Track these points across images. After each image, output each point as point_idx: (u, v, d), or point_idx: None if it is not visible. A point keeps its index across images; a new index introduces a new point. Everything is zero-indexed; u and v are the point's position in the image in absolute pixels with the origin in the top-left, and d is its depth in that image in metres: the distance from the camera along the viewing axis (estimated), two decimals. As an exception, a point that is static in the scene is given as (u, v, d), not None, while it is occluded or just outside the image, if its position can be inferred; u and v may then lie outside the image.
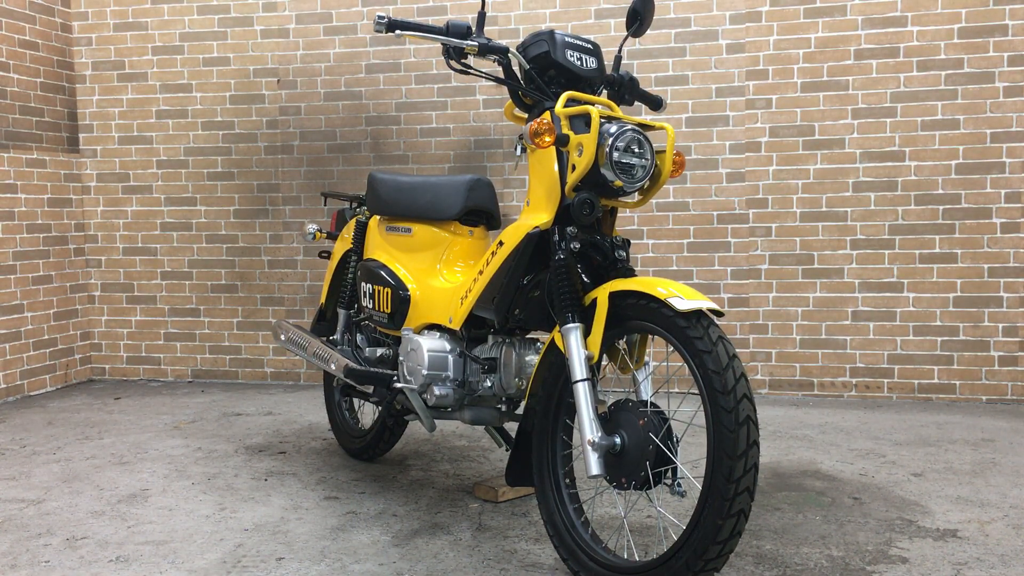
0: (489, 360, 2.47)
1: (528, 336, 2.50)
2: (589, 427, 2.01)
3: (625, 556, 2.25)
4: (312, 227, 3.25)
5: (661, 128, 2.21)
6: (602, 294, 2.09)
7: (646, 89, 3.85)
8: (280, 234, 4.72)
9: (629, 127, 2.13)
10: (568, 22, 4.35)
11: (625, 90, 2.42)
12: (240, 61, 4.70)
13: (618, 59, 2.45)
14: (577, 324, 2.10)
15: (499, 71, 4.38)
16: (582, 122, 2.19)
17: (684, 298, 1.94)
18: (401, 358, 2.63)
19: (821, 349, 4.23)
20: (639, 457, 1.97)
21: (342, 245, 3.21)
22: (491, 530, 2.51)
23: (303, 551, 2.36)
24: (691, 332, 1.91)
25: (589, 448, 1.99)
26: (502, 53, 2.29)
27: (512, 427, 3.28)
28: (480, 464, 3.18)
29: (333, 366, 2.80)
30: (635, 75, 3.95)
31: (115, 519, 2.63)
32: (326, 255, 3.43)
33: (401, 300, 2.70)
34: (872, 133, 4.12)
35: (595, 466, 1.99)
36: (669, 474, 1.99)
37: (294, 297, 4.73)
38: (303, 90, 4.65)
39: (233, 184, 4.74)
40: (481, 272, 2.39)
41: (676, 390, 4.26)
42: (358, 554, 2.34)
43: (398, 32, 2.25)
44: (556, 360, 2.22)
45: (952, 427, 3.63)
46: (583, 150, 2.12)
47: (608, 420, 2.06)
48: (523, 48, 2.32)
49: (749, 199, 4.25)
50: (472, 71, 2.32)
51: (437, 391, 2.48)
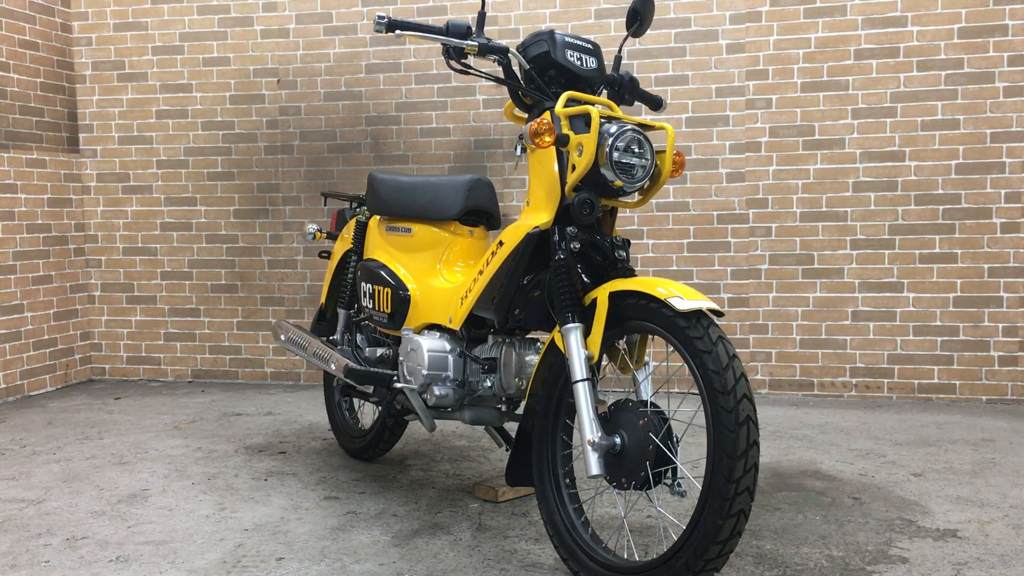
0: (489, 360, 2.47)
1: (528, 336, 2.50)
2: (589, 427, 2.01)
3: (625, 556, 2.25)
4: (312, 227, 3.25)
5: (661, 128, 2.21)
6: (602, 294, 2.09)
7: (646, 89, 3.85)
8: (280, 234, 4.72)
9: (629, 127, 2.13)
10: (568, 22, 4.35)
11: (625, 90, 2.42)
12: (240, 61, 4.70)
13: (618, 59, 2.45)
14: (577, 324, 2.10)
15: (499, 71, 4.38)
16: (582, 122, 2.19)
17: (684, 298, 1.94)
18: (401, 358, 2.63)
19: (821, 349, 4.23)
20: (639, 457, 1.97)
21: (342, 245, 3.21)
22: (491, 530, 2.51)
23: (303, 551, 2.36)
24: (691, 332, 1.91)
25: (589, 448, 1.99)
26: (502, 53, 2.29)
27: (512, 427, 3.28)
28: (480, 464, 3.18)
29: (333, 366, 2.80)
30: (635, 75, 3.95)
31: (115, 519, 2.63)
32: (326, 255, 3.43)
33: (401, 300, 2.70)
34: (872, 133, 4.12)
35: (595, 466, 1.99)
36: (669, 474, 1.99)
37: (294, 297, 4.73)
38: (303, 90, 4.65)
39: (233, 184, 4.74)
40: (481, 272, 2.39)
41: (676, 390, 4.26)
42: (358, 554, 2.34)
43: (398, 32, 2.25)
44: (556, 360, 2.22)
45: (952, 427, 3.63)
46: (583, 150, 2.12)
47: (608, 420, 2.06)
48: (523, 48, 2.32)
49: (749, 199, 4.25)
50: (472, 71, 2.32)
51: (437, 391, 2.48)
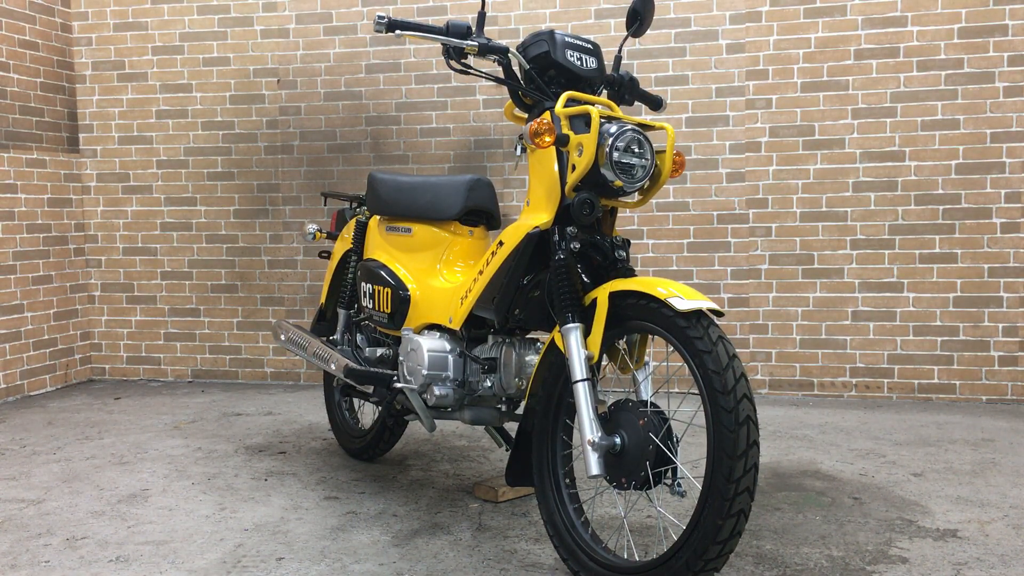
0: (489, 360, 2.47)
1: (528, 336, 2.50)
2: (589, 427, 2.01)
3: (625, 556, 2.25)
4: (312, 227, 3.25)
5: (661, 128, 2.21)
6: (602, 294, 2.09)
7: (646, 89, 3.85)
8: (280, 234, 4.72)
9: (629, 127, 2.13)
10: (568, 22, 4.35)
11: (625, 90, 2.42)
12: (240, 61, 4.70)
13: (618, 59, 2.45)
14: (577, 324, 2.10)
15: (499, 71, 4.38)
16: (582, 122, 2.19)
17: (684, 298, 1.94)
18: (401, 358, 2.63)
19: (821, 349, 4.23)
20: (639, 457, 1.97)
21: (342, 245, 3.21)
22: (491, 530, 2.51)
23: (303, 551, 2.36)
24: (691, 332, 1.91)
25: (589, 448, 1.99)
26: (502, 53, 2.29)
27: (512, 427, 3.28)
28: (480, 464, 3.18)
29: (333, 366, 2.80)
30: (635, 75, 3.95)
31: (115, 519, 2.63)
32: (326, 255, 3.43)
33: (401, 300, 2.70)
34: (872, 133, 4.12)
35: (595, 466, 1.99)
36: (669, 474, 1.99)
37: (294, 297, 4.73)
38: (303, 90, 4.65)
39: (233, 184, 4.74)
40: (481, 272, 2.39)
41: (676, 390, 4.26)
42: (358, 554, 2.34)
43: (398, 32, 2.25)
44: (556, 360, 2.22)
45: (952, 427, 3.63)
46: (583, 150, 2.12)
47: (608, 420, 2.06)
48: (523, 48, 2.32)
49: (749, 199, 4.25)
50: (472, 71, 2.32)
51: (437, 391, 2.48)
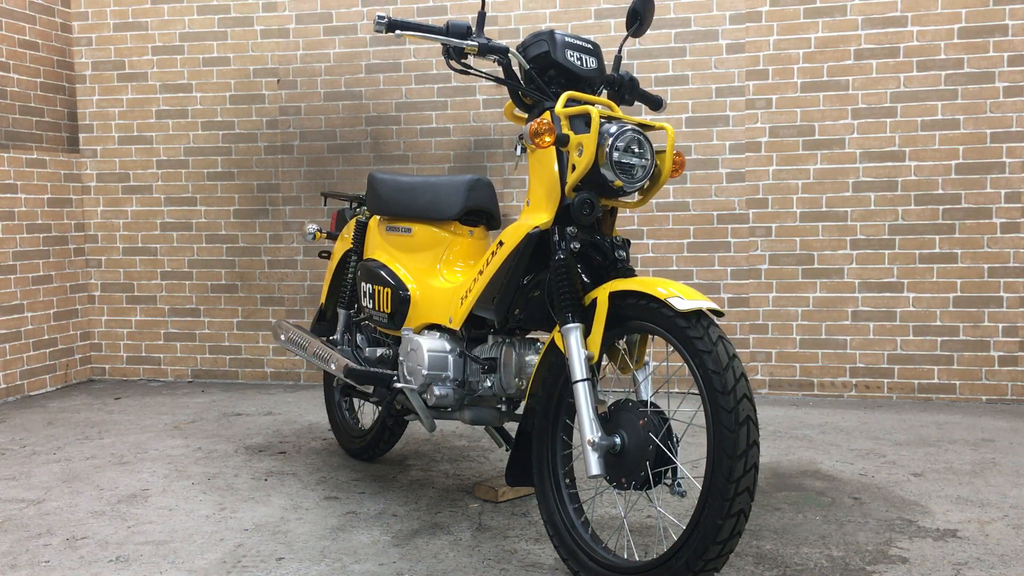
0: (489, 360, 2.47)
1: (528, 336, 2.50)
2: (589, 427, 2.01)
3: (625, 556, 2.25)
4: (312, 227, 3.25)
5: (661, 128, 2.21)
6: (602, 294, 2.09)
7: (646, 89, 3.85)
8: (280, 234, 4.72)
9: (629, 127, 2.13)
10: (568, 22, 4.35)
11: (625, 90, 2.42)
12: (240, 61, 4.70)
13: (618, 59, 2.45)
14: (577, 324, 2.10)
15: (499, 71, 4.38)
16: (582, 122, 2.19)
17: (684, 298, 1.94)
18: (401, 358, 2.63)
19: (821, 349, 4.23)
20: (639, 457, 1.97)
21: (342, 245, 3.21)
22: (491, 530, 2.51)
23: (303, 551, 2.36)
24: (691, 332, 1.91)
25: (589, 448, 1.99)
26: (502, 53, 2.29)
27: (512, 427, 3.28)
28: (480, 464, 3.18)
29: (333, 366, 2.80)
30: (635, 75, 3.95)
31: (115, 519, 2.63)
32: (326, 255, 3.43)
33: (401, 300, 2.70)
34: (872, 133, 4.12)
35: (595, 466, 1.99)
36: (669, 474, 1.99)
37: (294, 297, 4.73)
38: (303, 90, 4.65)
39: (233, 184, 4.74)
40: (481, 272, 2.39)
41: (676, 390, 4.26)
42: (358, 554, 2.34)
43: (398, 32, 2.25)
44: (556, 360, 2.22)
45: (952, 427, 3.63)
46: (583, 150, 2.12)
47: (608, 420, 2.06)
48: (523, 48, 2.32)
49: (749, 199, 4.25)
50: (472, 71, 2.32)
51: (437, 391, 2.48)
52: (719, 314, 1.96)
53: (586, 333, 2.11)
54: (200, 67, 4.74)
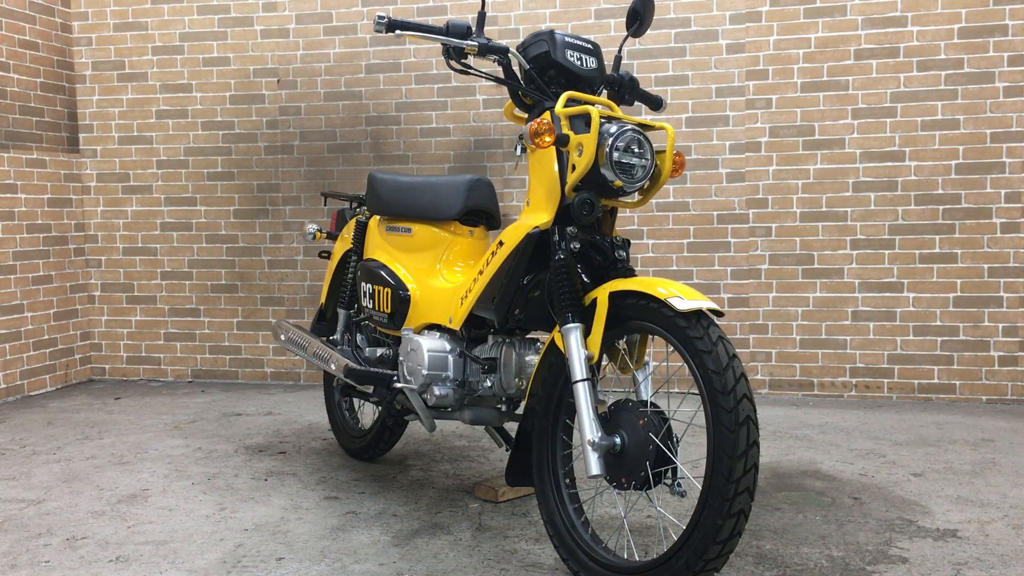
0: (489, 360, 2.47)
1: (528, 336, 2.50)
2: (589, 427, 2.01)
3: (625, 556, 2.25)
4: (312, 227, 3.25)
5: (661, 128, 2.21)
6: (602, 294, 2.09)
7: (646, 89, 3.85)
8: (280, 234, 4.72)
9: (629, 127, 2.13)
10: (568, 22, 4.35)
11: (625, 90, 2.42)
12: (240, 61, 4.70)
13: (618, 59, 2.45)
14: (577, 324, 2.10)
15: (499, 71, 4.38)
16: (582, 122, 2.19)
17: (684, 298, 1.94)
18: (401, 358, 2.63)
19: (821, 349, 4.23)
20: (639, 457, 1.97)
21: (342, 245, 3.21)
22: (491, 530, 2.51)
23: (303, 551, 2.36)
24: (691, 332, 1.91)
25: (589, 448, 1.99)
26: (502, 53, 2.29)
27: (512, 427, 3.28)
28: (480, 464, 3.18)
29: (333, 366, 2.80)
30: (635, 75, 3.95)
31: (115, 519, 2.63)
32: (326, 255, 3.43)
33: (401, 300, 2.70)
34: (872, 133, 4.12)
35: (595, 466, 1.99)
36: (669, 474, 1.99)
37: (294, 297, 4.73)
38: (303, 90, 4.65)
39: (233, 184, 4.74)
40: (481, 272, 2.39)
41: (676, 390, 4.26)
42: (358, 554, 2.34)
43: (398, 32, 2.25)
44: (556, 360, 2.22)
45: (952, 427, 3.63)
46: (583, 150, 2.12)
47: (608, 420, 2.06)
48: (523, 48, 2.32)
49: (749, 199, 4.25)
50: (472, 71, 2.32)
51: (437, 391, 2.48)
52: (719, 314, 1.96)
53: (586, 333, 2.11)
54: (200, 67, 4.74)
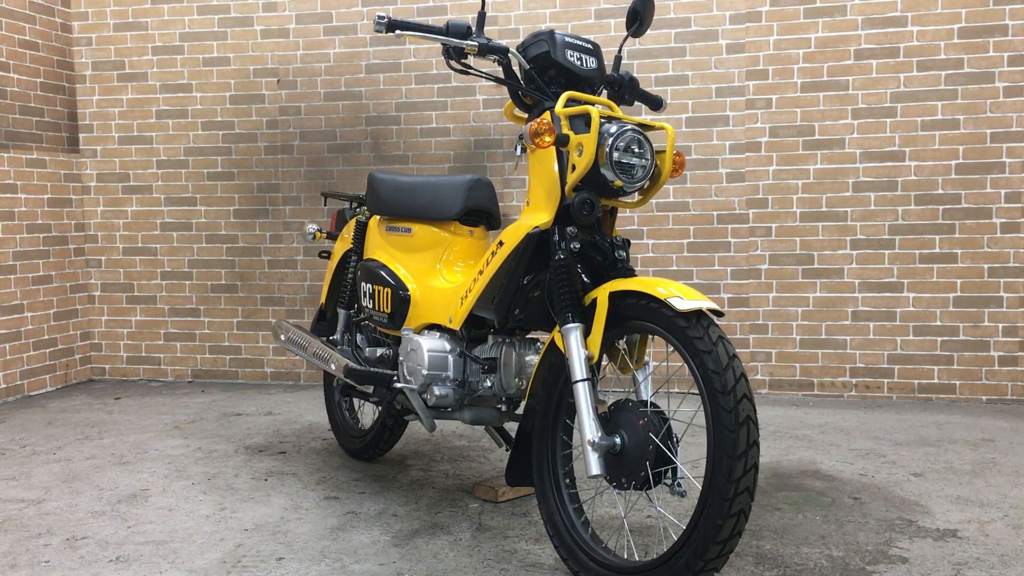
0: (489, 360, 2.47)
1: (528, 336, 2.50)
2: (589, 427, 2.01)
3: (625, 556, 2.25)
4: (312, 227, 3.25)
5: (661, 128, 2.21)
6: (602, 294, 2.09)
7: (646, 89, 3.85)
8: (280, 234, 4.72)
9: (629, 127, 2.13)
10: (568, 22, 4.35)
11: (625, 90, 2.42)
12: (240, 61, 4.70)
13: (618, 59, 2.45)
14: (577, 324, 2.10)
15: (499, 71, 4.38)
16: (582, 122, 2.19)
17: (684, 298, 1.94)
18: (401, 358, 2.63)
19: (821, 349, 4.23)
20: (639, 457, 1.97)
21: (342, 245, 3.21)
22: (491, 530, 2.51)
23: (303, 551, 2.36)
24: (691, 332, 1.91)
25: (589, 448, 1.99)
26: (502, 53, 2.29)
27: (512, 427, 3.28)
28: (480, 464, 3.18)
29: (333, 366, 2.80)
30: (635, 75, 3.95)
31: (115, 519, 2.63)
32: (326, 255, 3.44)
33: (401, 300, 2.70)
34: (872, 133, 4.12)
35: (595, 466, 1.99)
36: (669, 474, 1.99)
37: (294, 297, 4.73)
38: (303, 90, 4.65)
39: (233, 184, 4.74)
40: (481, 272, 2.39)
41: (676, 390, 4.26)
42: (358, 554, 2.34)
43: (398, 32, 2.25)
44: (556, 360, 2.22)
45: (952, 427, 3.63)
46: (583, 150, 2.12)
47: (608, 420, 2.06)
48: (523, 48, 2.32)
49: (749, 199, 4.25)
50: (472, 71, 2.32)
51: (437, 391, 2.48)
52: (719, 314, 1.96)
53: (586, 333, 2.11)
54: (200, 67, 4.74)
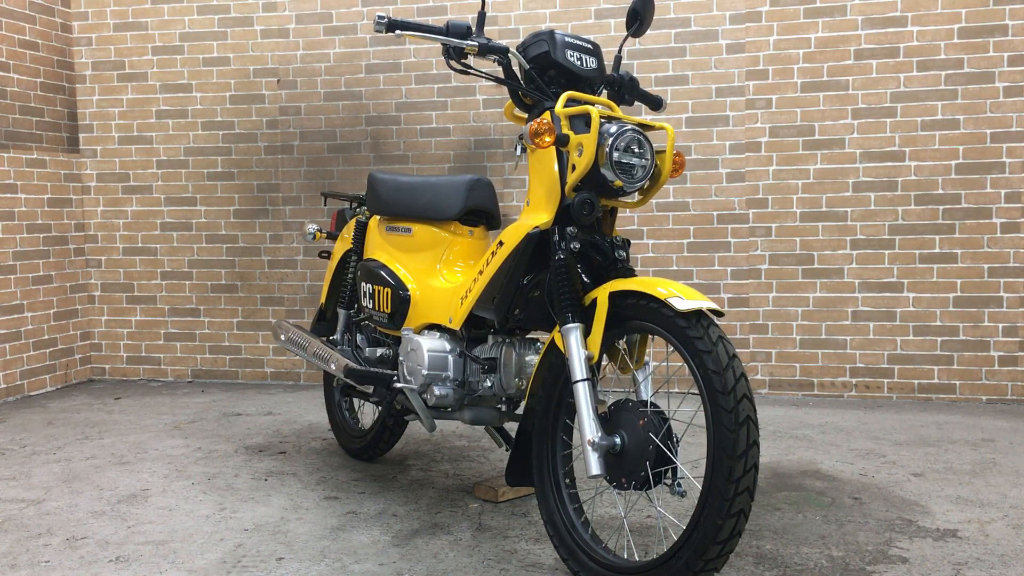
0: (489, 360, 2.47)
1: (528, 336, 2.50)
2: (589, 427, 2.01)
3: (625, 556, 2.25)
4: (312, 227, 3.25)
5: (661, 128, 2.21)
6: (602, 294, 2.09)
7: (646, 89, 3.85)
8: (280, 234, 4.72)
9: (629, 127, 2.13)
10: (568, 22, 4.35)
11: (625, 90, 2.42)
12: (240, 61, 4.70)
13: (618, 59, 2.45)
14: (577, 324, 2.10)
15: (499, 71, 4.38)
16: (582, 122, 2.19)
17: (684, 298, 1.94)
18: (401, 358, 2.63)
19: (821, 349, 4.23)
20: (639, 457, 1.97)
21: (342, 245, 3.21)
22: (491, 530, 2.51)
23: (303, 551, 2.36)
24: (691, 332, 1.91)
25: (589, 448, 1.99)
26: (502, 53, 2.29)
27: (512, 427, 3.28)
28: (480, 464, 3.18)
29: (333, 366, 2.80)
30: (635, 75, 3.95)
31: (115, 519, 2.63)
32: (326, 255, 3.44)
33: (401, 300, 2.70)
34: (872, 133, 4.12)
35: (595, 466, 1.99)
36: (669, 474, 1.99)
37: (294, 297, 4.73)
38: (303, 90, 4.65)
39: (233, 184, 4.74)
40: (481, 272, 2.39)
41: (676, 390, 4.26)
42: (358, 554, 2.34)
43: (398, 32, 2.25)
44: (556, 360, 2.22)
45: (952, 427, 3.63)
46: (583, 150, 2.12)
47: (608, 420, 2.06)
48: (523, 48, 2.32)
49: (749, 199, 4.25)
50: (472, 71, 2.32)
51: (437, 391, 2.48)
52: (719, 314, 1.96)
53: (586, 333, 2.11)
54: (200, 67, 4.74)
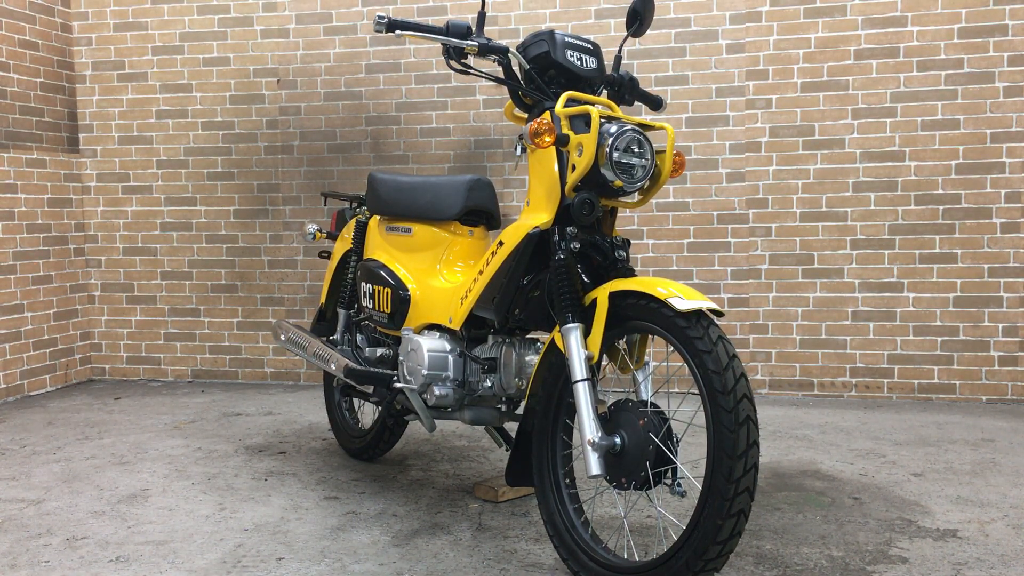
0: (489, 360, 2.48)
1: (528, 336, 2.50)
2: (589, 427, 2.01)
3: (625, 556, 2.25)
4: (312, 227, 3.25)
5: (661, 128, 2.21)
6: (602, 294, 2.09)
7: (646, 89, 3.85)
8: (280, 234, 4.72)
9: (629, 127, 2.13)
10: (568, 22, 4.35)
11: (625, 90, 2.42)
12: (240, 61, 4.70)
13: (618, 59, 2.45)
14: (577, 324, 2.10)
15: (499, 71, 4.38)
16: (582, 122, 2.19)
17: (684, 298, 1.94)
18: (401, 358, 2.63)
19: (821, 349, 4.23)
20: (639, 457, 1.97)
21: (342, 245, 3.21)
22: (491, 530, 2.51)
23: (303, 551, 2.36)
24: (691, 332, 1.91)
25: (589, 448, 1.99)
26: (502, 53, 2.29)
27: (512, 427, 3.28)
28: (480, 464, 3.18)
29: (333, 366, 2.80)
30: (635, 75, 3.95)
31: (115, 519, 2.63)
32: (326, 255, 3.44)
33: (401, 300, 2.70)
34: (872, 133, 4.12)
35: (595, 466, 1.99)
36: (669, 474, 1.99)
37: (294, 297, 4.73)
38: (303, 90, 4.65)
39: (233, 184, 4.74)
40: (481, 272, 2.39)
41: (676, 390, 4.26)
42: (358, 554, 2.34)
43: (398, 32, 2.25)
44: (556, 360, 2.22)
45: (952, 427, 3.63)
46: (583, 150, 2.12)
47: (608, 420, 2.06)
48: (523, 48, 2.32)
49: (749, 199, 4.25)
50: (472, 71, 2.32)
51: (437, 391, 2.48)
52: (719, 314, 1.96)
53: (586, 333, 2.11)
54: (200, 67, 4.74)
